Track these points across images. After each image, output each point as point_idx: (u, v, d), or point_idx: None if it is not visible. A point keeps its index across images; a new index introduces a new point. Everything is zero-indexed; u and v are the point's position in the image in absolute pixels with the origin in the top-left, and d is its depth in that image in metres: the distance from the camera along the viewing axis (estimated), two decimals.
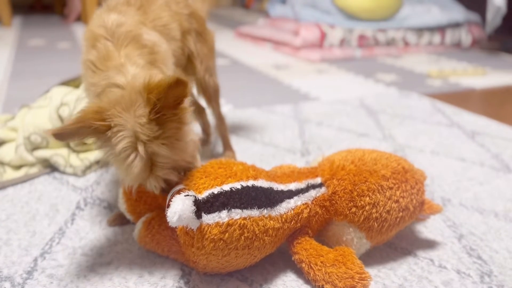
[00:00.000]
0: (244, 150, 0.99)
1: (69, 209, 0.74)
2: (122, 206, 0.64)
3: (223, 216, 0.51)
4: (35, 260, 0.61)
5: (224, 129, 0.93)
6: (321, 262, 0.55)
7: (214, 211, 0.51)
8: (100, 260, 0.61)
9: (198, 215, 0.50)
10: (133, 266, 0.60)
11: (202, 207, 0.51)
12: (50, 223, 0.69)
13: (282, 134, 1.09)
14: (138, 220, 0.64)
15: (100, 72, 0.58)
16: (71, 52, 2.05)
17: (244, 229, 0.52)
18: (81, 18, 2.99)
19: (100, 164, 0.89)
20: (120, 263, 0.60)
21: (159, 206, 0.63)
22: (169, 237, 0.60)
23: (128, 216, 0.65)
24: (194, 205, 0.50)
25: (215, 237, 0.51)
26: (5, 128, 0.92)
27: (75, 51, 2.07)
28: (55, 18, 3.23)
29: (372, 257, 0.63)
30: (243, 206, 0.53)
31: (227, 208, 0.52)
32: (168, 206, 0.50)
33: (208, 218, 0.51)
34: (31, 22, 2.99)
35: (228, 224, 0.51)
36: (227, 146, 0.94)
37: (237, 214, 0.52)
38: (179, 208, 0.48)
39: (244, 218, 0.52)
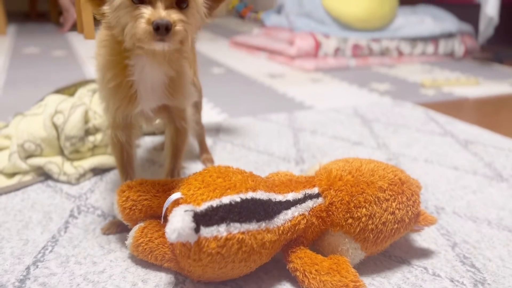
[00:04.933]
0: (239, 159, 0.99)
1: (62, 217, 0.73)
2: (118, 215, 0.63)
3: (221, 230, 0.51)
4: (28, 268, 0.60)
5: (203, 133, 0.97)
6: (316, 270, 0.55)
7: (212, 225, 0.51)
8: (93, 268, 0.61)
9: (196, 229, 0.50)
10: (126, 274, 0.60)
11: (201, 220, 0.51)
12: (43, 231, 0.69)
13: (276, 143, 1.09)
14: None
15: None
16: (66, 60, 2.05)
17: (242, 243, 0.52)
18: (76, 28, 2.99)
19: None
20: (114, 272, 0.60)
21: (154, 213, 0.63)
22: (162, 245, 0.59)
23: (126, 223, 0.65)
24: (193, 221, 0.50)
25: (212, 251, 0.51)
26: None
27: (70, 59, 2.07)
28: (50, 26, 3.24)
29: (366, 265, 0.63)
30: (241, 220, 0.52)
31: (225, 222, 0.51)
32: (165, 217, 0.50)
33: (206, 232, 0.51)
34: (26, 30, 2.99)
35: (226, 239, 0.51)
36: (205, 150, 0.98)
37: (235, 228, 0.52)
38: (179, 226, 0.48)
39: (242, 233, 0.52)
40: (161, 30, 0.53)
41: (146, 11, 0.54)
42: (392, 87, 1.72)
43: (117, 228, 0.69)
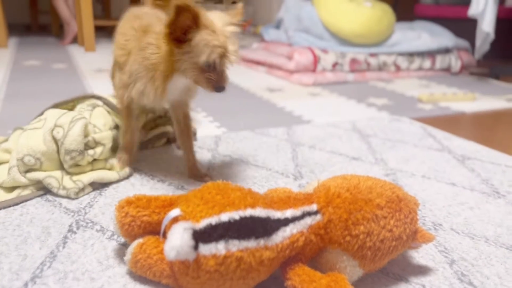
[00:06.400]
0: (238, 173, 0.99)
1: (61, 232, 0.73)
2: (117, 231, 0.64)
3: (220, 247, 0.51)
4: (26, 284, 0.60)
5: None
6: (314, 287, 0.55)
7: (211, 242, 0.52)
8: (91, 284, 0.61)
9: (195, 247, 0.50)
10: None
11: (200, 237, 0.52)
12: (42, 246, 0.69)
13: (275, 157, 1.10)
14: None
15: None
16: (66, 73, 2.06)
17: (241, 261, 0.52)
18: (77, 40, 3.01)
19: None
20: None
21: (153, 229, 0.63)
22: (160, 262, 0.59)
23: (124, 239, 0.65)
24: (192, 238, 0.50)
25: (211, 269, 0.52)
26: None
27: (70, 72, 2.08)
28: (51, 39, 3.26)
29: (364, 282, 0.63)
30: (240, 237, 0.53)
31: (224, 240, 0.52)
32: (164, 233, 0.50)
33: (205, 249, 0.51)
34: (27, 43, 3.01)
35: (225, 256, 0.52)
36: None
37: (234, 246, 0.52)
38: (178, 244, 0.49)
39: (241, 250, 0.52)
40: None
41: (213, 77, 0.79)
42: (389, 101, 1.74)
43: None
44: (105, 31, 3.85)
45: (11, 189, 0.85)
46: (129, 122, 0.96)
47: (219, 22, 0.77)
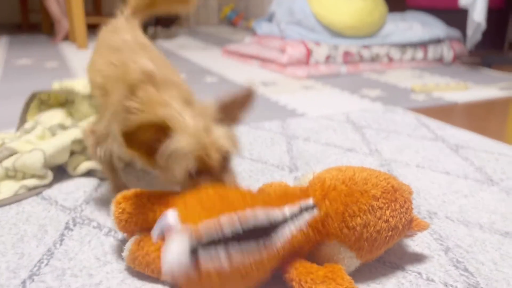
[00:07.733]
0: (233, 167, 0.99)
1: (58, 229, 0.73)
2: (114, 226, 0.64)
3: (219, 251, 0.51)
4: (24, 282, 0.60)
5: None
6: (311, 279, 0.55)
7: (210, 246, 0.51)
8: (89, 281, 0.61)
9: (194, 255, 0.51)
10: (123, 286, 0.60)
11: (199, 242, 0.51)
12: (39, 244, 0.69)
13: (270, 150, 1.10)
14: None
15: None
16: (59, 71, 2.04)
17: (241, 264, 0.52)
18: (69, 37, 2.99)
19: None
20: (110, 284, 0.60)
21: (149, 226, 0.63)
22: (158, 259, 0.59)
23: (122, 233, 0.65)
24: (191, 255, 0.50)
25: (211, 273, 0.51)
26: (21, 141, 0.94)
27: (62, 70, 2.07)
28: (43, 37, 3.23)
29: (361, 272, 0.63)
30: (240, 239, 0.52)
31: (224, 243, 0.51)
32: (162, 234, 0.50)
33: (205, 253, 0.51)
34: (18, 42, 2.99)
35: (225, 259, 0.51)
36: None
37: (234, 248, 0.52)
38: (176, 263, 0.50)
39: (242, 253, 0.52)
40: None
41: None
42: (383, 93, 1.74)
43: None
44: (96, 28, 3.83)
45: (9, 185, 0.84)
46: (114, 178, 0.82)
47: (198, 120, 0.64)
